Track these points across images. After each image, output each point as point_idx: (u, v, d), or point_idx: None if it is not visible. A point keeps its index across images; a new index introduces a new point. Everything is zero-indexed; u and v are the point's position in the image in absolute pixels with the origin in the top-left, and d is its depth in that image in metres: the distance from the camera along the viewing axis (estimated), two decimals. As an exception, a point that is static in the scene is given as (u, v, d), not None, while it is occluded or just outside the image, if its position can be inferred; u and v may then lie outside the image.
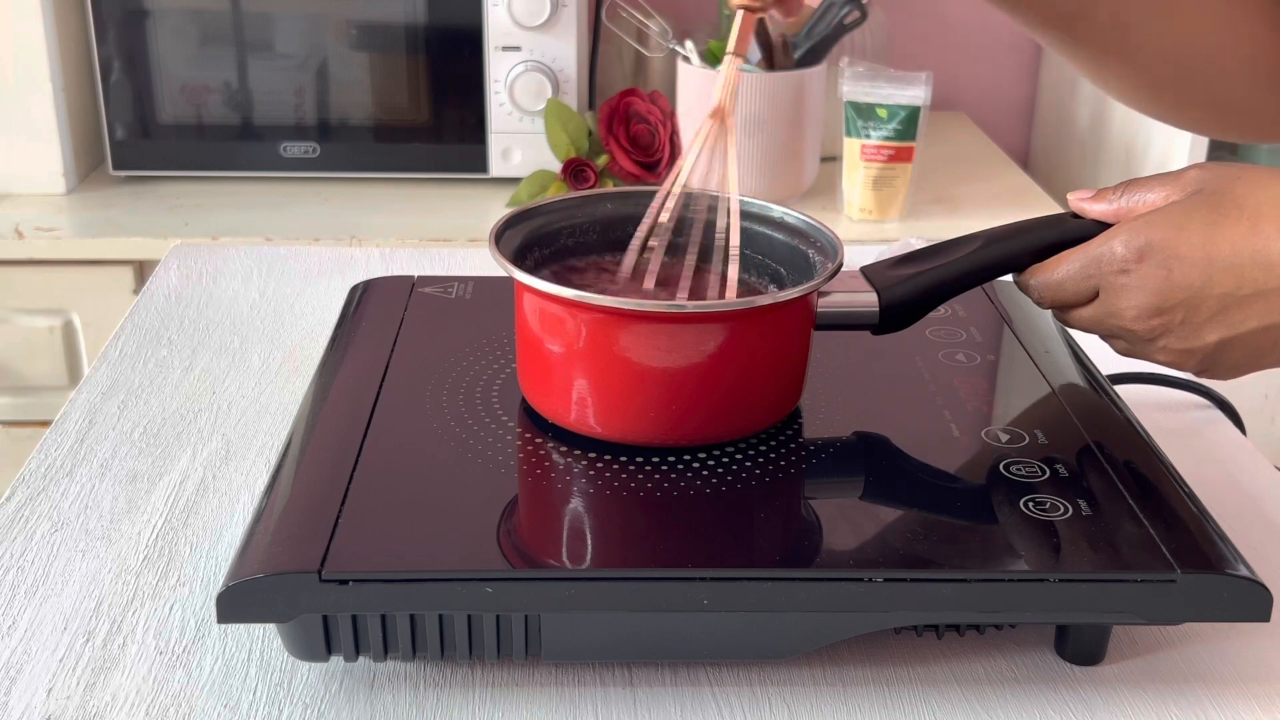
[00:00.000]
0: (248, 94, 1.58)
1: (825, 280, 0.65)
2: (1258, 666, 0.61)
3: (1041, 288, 0.67)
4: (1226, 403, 0.85)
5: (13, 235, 1.46)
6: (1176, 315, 0.63)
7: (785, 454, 0.65)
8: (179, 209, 1.55)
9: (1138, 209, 0.65)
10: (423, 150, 1.61)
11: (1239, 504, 0.74)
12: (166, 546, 0.68)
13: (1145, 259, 0.63)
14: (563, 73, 1.57)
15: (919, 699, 0.59)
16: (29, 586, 0.64)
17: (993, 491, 0.62)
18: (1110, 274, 0.64)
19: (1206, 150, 1.58)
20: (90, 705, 0.57)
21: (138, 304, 0.97)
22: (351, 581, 0.55)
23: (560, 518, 0.61)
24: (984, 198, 1.63)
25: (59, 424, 0.79)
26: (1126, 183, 0.67)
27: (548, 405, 0.66)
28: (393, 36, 1.57)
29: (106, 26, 1.53)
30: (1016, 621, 0.61)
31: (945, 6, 1.93)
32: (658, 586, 0.55)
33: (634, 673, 0.60)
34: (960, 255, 0.68)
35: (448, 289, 0.83)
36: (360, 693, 0.58)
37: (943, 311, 0.79)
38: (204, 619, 0.62)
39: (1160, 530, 0.58)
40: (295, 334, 0.93)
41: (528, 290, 0.64)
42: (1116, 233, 0.64)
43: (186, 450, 0.77)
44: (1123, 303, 0.64)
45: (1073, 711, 0.58)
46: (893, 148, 1.50)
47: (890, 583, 0.56)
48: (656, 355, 0.62)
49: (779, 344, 0.65)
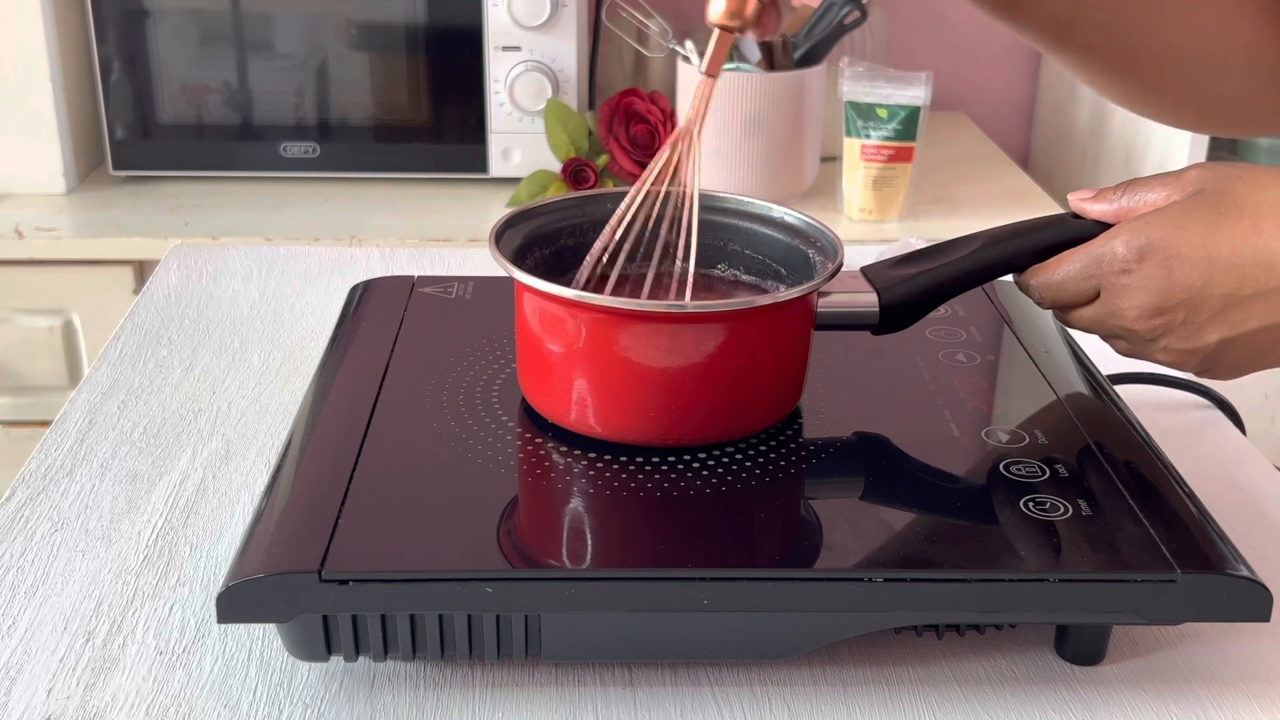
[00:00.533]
0: (248, 94, 1.58)
1: (825, 280, 0.65)
2: (1258, 666, 0.61)
3: (1042, 288, 0.67)
4: (1226, 403, 0.85)
5: (13, 235, 1.46)
6: (1178, 315, 0.63)
7: (785, 454, 0.65)
8: (179, 209, 1.55)
9: (1138, 209, 0.65)
10: (423, 150, 1.61)
11: (1239, 504, 0.74)
12: (166, 546, 0.68)
13: (1146, 259, 0.63)
14: (563, 73, 1.57)
15: (919, 699, 0.59)
16: (29, 586, 0.64)
17: (993, 491, 0.62)
18: (1111, 274, 0.64)
19: (1206, 150, 1.58)
20: (90, 705, 0.57)
21: (138, 304, 0.97)
22: (351, 581, 0.55)
23: (560, 518, 0.61)
24: (984, 198, 1.63)
25: (59, 424, 0.79)
26: (1127, 183, 0.67)
27: (548, 405, 0.66)
28: (393, 36, 1.57)
29: (106, 26, 1.53)
30: (1016, 621, 0.61)
31: (945, 6, 1.93)
32: (658, 586, 0.55)
33: (634, 673, 0.60)
34: (960, 256, 0.68)
35: (448, 289, 0.83)
36: (360, 693, 0.58)
37: (943, 311, 0.79)
38: (204, 619, 0.62)
39: (1160, 530, 0.58)
40: (295, 334, 0.93)
41: (528, 290, 0.64)
42: (1117, 233, 0.64)
43: (186, 450, 0.77)
44: (1124, 303, 0.64)
45: (1073, 711, 0.58)
46: (893, 148, 1.50)
47: (890, 583, 0.56)
48: (656, 355, 0.62)
49: (779, 344, 0.65)
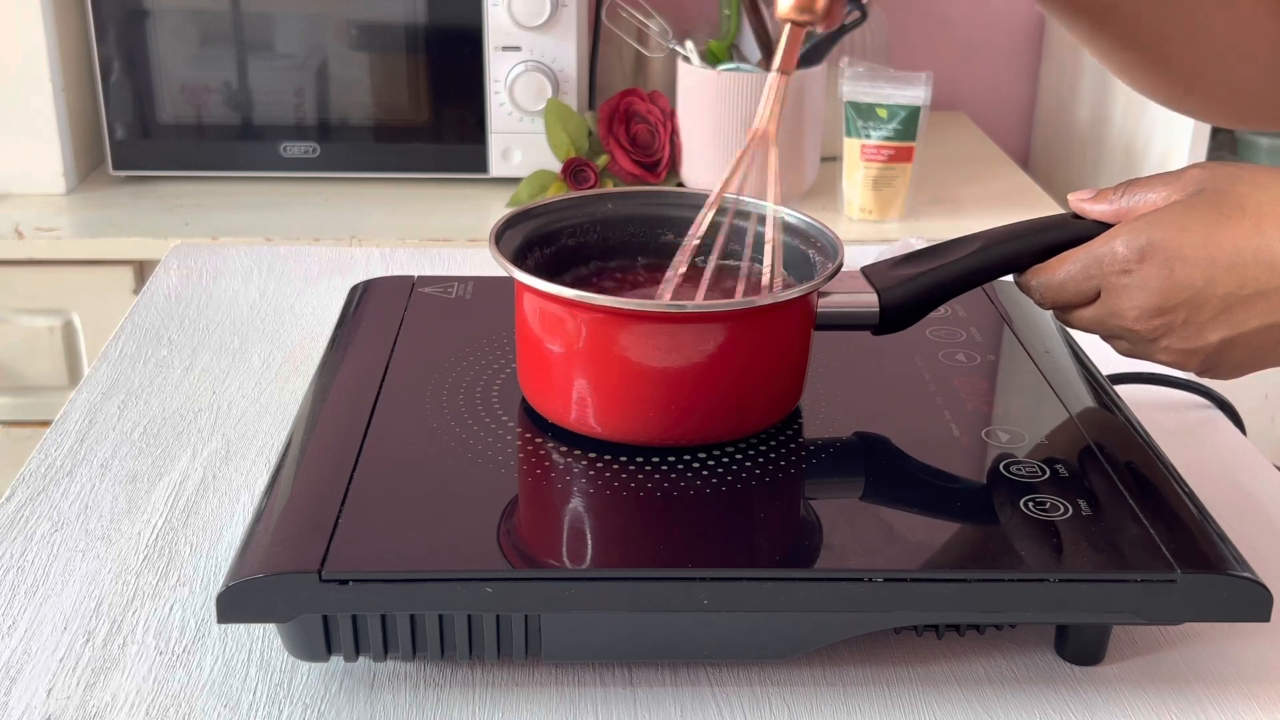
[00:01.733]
0: (248, 94, 1.58)
1: (825, 280, 0.65)
2: (1258, 666, 0.61)
3: (1043, 288, 0.67)
4: (1226, 403, 0.85)
5: (13, 235, 1.46)
6: (1179, 315, 0.63)
7: (785, 454, 0.65)
8: (179, 209, 1.55)
9: (1139, 209, 0.65)
10: (423, 150, 1.61)
11: (1239, 504, 0.74)
12: (166, 546, 0.68)
13: (1147, 259, 0.63)
14: (563, 73, 1.57)
15: (919, 699, 0.59)
16: (29, 586, 0.64)
17: (993, 491, 0.62)
18: (1112, 274, 0.64)
19: (1206, 149, 1.58)
20: (90, 705, 0.57)
21: (138, 304, 0.97)
22: (351, 581, 0.55)
23: (560, 518, 0.61)
24: (984, 198, 1.63)
25: (59, 424, 0.79)
26: (1127, 183, 0.67)
27: (548, 405, 0.66)
28: (393, 36, 1.57)
29: (106, 26, 1.53)
30: (1016, 621, 0.61)
31: (945, 6, 1.93)
32: (658, 586, 0.55)
33: (634, 673, 0.60)
34: (960, 256, 0.68)
35: (448, 289, 0.83)
36: (360, 693, 0.58)
37: (943, 311, 0.79)
38: (204, 619, 0.62)
39: (1160, 530, 0.58)
40: (295, 334, 0.93)
41: (528, 290, 0.64)
42: (1118, 233, 0.64)
43: (186, 450, 0.77)
44: (1124, 303, 0.64)
45: (1073, 711, 0.58)
46: (893, 148, 1.50)
47: (890, 583, 0.56)
48: (657, 355, 0.62)
49: (779, 344, 0.65)
